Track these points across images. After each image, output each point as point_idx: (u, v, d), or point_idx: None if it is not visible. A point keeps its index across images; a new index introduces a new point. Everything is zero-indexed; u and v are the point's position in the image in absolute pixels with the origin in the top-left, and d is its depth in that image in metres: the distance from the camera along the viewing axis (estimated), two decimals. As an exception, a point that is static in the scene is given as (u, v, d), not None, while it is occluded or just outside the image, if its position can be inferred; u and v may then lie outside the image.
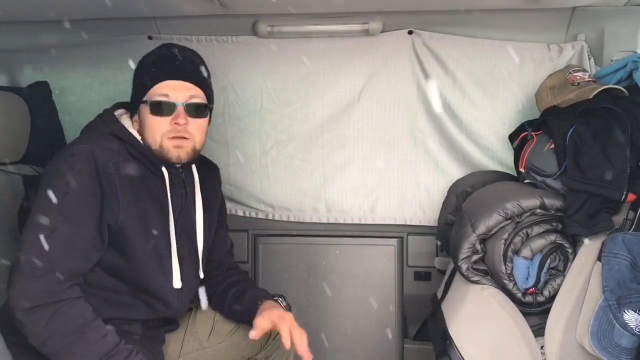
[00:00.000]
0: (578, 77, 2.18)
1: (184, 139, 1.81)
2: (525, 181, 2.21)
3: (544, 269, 1.99)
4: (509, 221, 2.02)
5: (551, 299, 1.99)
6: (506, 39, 2.54)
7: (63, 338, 1.58)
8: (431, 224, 2.71)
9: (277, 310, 1.88)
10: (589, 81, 2.17)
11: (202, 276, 2.03)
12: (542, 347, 1.94)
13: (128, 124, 1.88)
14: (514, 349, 1.91)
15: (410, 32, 2.57)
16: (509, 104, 2.58)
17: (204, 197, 2.01)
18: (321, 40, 2.62)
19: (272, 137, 2.76)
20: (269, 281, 2.83)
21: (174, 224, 1.88)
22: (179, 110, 1.79)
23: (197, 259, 2.00)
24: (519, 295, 2.01)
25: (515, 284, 2.01)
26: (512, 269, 2.00)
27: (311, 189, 2.79)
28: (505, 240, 2.00)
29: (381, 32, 2.56)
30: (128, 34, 2.66)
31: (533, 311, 2.03)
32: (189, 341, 2.06)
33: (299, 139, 2.75)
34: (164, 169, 1.85)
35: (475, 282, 2.09)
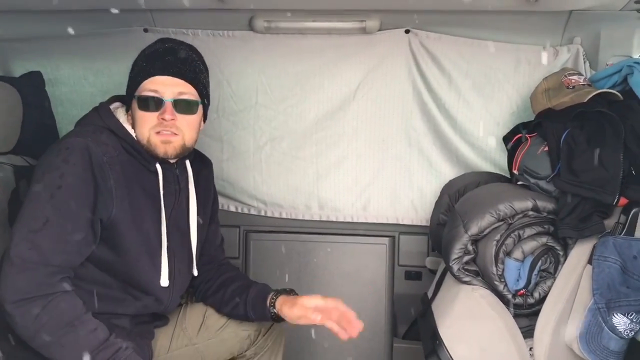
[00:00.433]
0: (573, 81, 2.19)
1: (171, 134, 1.80)
2: (519, 183, 2.21)
3: (535, 271, 1.99)
4: (501, 222, 2.02)
5: (541, 301, 1.99)
6: (503, 41, 2.55)
7: (53, 331, 1.57)
8: (423, 223, 2.72)
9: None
10: (584, 85, 2.18)
11: (195, 273, 2.02)
12: (531, 349, 1.95)
13: (123, 118, 1.87)
14: (503, 350, 1.92)
15: (407, 31, 2.58)
16: (504, 105, 2.59)
17: (197, 193, 2.00)
18: (318, 37, 2.61)
19: (267, 133, 2.76)
20: (259, 277, 2.75)
21: (167, 221, 1.88)
22: (167, 105, 1.78)
23: (190, 256, 2.00)
24: (510, 296, 2.01)
25: (506, 285, 2.01)
26: (503, 270, 2.01)
27: (304, 186, 2.79)
28: (497, 242, 2.00)
29: (378, 30, 2.56)
30: (124, 25, 2.64)
31: (523, 313, 2.03)
32: (179, 337, 2.04)
33: (293, 135, 2.75)
34: (157, 166, 1.84)
35: (466, 282, 2.09)
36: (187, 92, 1.82)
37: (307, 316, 1.88)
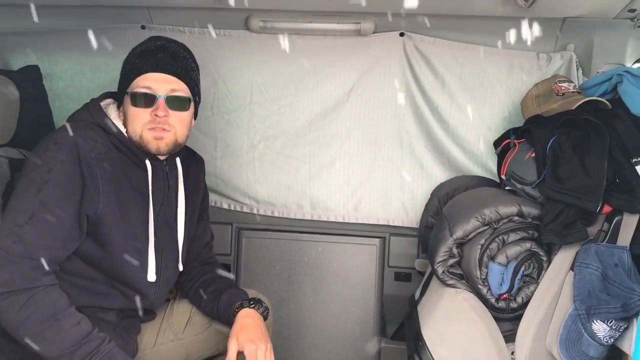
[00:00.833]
0: (563, 88, 2.20)
1: (164, 130, 1.82)
2: (506, 188, 2.23)
3: (518, 276, 2.01)
4: (486, 227, 2.04)
5: (524, 305, 2.01)
6: (496, 46, 2.55)
7: (36, 324, 1.59)
8: (414, 225, 2.74)
9: (249, 334, 1.85)
10: (573, 92, 2.19)
11: (181, 269, 2.04)
12: (512, 353, 1.97)
13: (114, 114, 1.89)
14: (484, 353, 1.94)
15: (401, 34, 2.59)
16: (496, 110, 2.60)
17: (187, 189, 2.02)
18: (313, 38, 2.63)
19: (260, 132, 2.78)
20: (250, 275, 2.85)
21: (155, 217, 1.90)
22: (160, 102, 1.80)
23: (177, 252, 2.02)
24: (493, 300, 2.04)
25: (490, 289, 2.03)
26: (487, 274, 2.03)
27: (296, 185, 2.81)
28: (482, 246, 2.03)
29: (373, 32, 2.58)
30: (122, 22, 2.66)
31: (506, 317, 2.05)
32: (165, 332, 2.07)
33: (286, 135, 2.77)
34: (147, 162, 1.87)
35: (450, 285, 2.11)
36: (179, 89, 1.85)
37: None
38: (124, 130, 1.85)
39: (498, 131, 2.53)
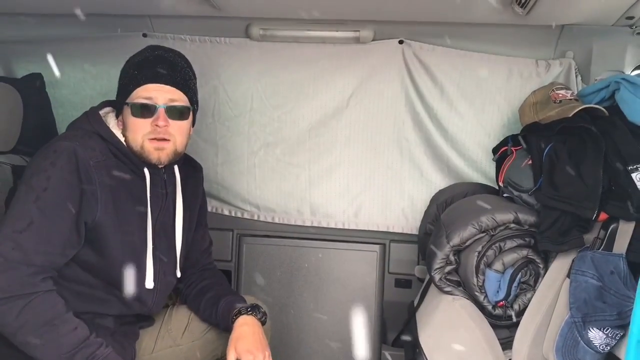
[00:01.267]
0: (560, 95, 2.20)
1: (164, 140, 1.84)
2: (504, 195, 2.23)
3: (515, 283, 2.01)
4: (483, 234, 2.05)
5: (521, 312, 2.01)
6: (495, 53, 2.57)
7: (34, 329, 1.61)
8: (414, 232, 2.74)
9: (247, 343, 1.87)
10: (571, 99, 2.19)
11: (179, 275, 2.06)
12: (509, 360, 1.97)
13: (113, 123, 1.91)
14: (480, 360, 1.94)
15: (400, 42, 2.60)
16: (495, 117, 2.61)
17: (185, 197, 2.04)
18: (313, 46, 2.65)
19: (261, 138, 2.79)
20: (251, 281, 2.86)
21: (153, 224, 1.92)
22: (160, 112, 1.82)
23: (175, 258, 2.03)
24: (490, 307, 2.04)
25: (486, 296, 2.03)
26: (483, 281, 2.03)
27: (297, 191, 2.82)
28: (479, 253, 2.03)
29: (372, 40, 2.59)
30: (123, 30, 2.69)
31: (503, 324, 2.05)
32: (163, 338, 2.08)
33: (286, 141, 2.78)
34: (145, 170, 1.89)
35: (447, 292, 2.11)
36: (178, 98, 1.87)
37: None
38: (122, 139, 1.87)
39: (497, 138, 2.54)
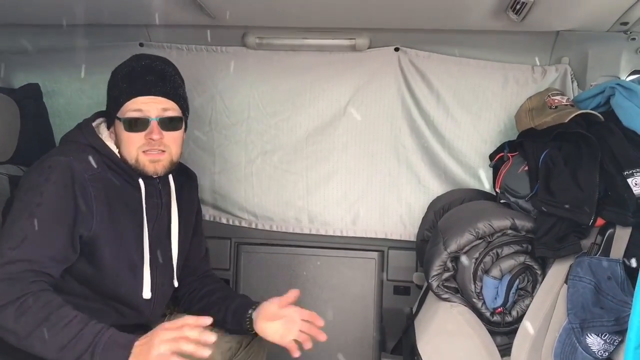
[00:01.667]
0: (556, 101, 2.21)
1: (160, 152, 1.84)
2: (501, 201, 2.23)
3: (513, 290, 2.01)
4: (480, 240, 2.04)
5: (519, 319, 2.00)
6: (491, 60, 2.58)
7: (33, 329, 1.57)
8: (412, 239, 2.74)
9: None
10: (566, 105, 2.19)
11: (176, 285, 2.06)
12: (508, 367, 1.96)
13: (106, 134, 1.91)
14: (480, 367, 1.93)
15: (396, 49, 2.61)
16: (492, 123, 2.61)
17: (180, 205, 2.04)
18: (309, 54, 2.66)
19: (258, 146, 2.80)
20: (249, 289, 2.85)
21: (149, 234, 1.92)
22: (153, 125, 1.82)
23: (172, 268, 2.03)
24: (488, 314, 2.03)
25: (484, 303, 2.03)
26: (481, 288, 2.02)
27: (294, 199, 2.82)
28: (476, 260, 2.02)
29: (368, 48, 2.60)
30: (120, 40, 2.70)
31: (501, 331, 2.04)
32: (160, 347, 2.07)
33: (284, 149, 2.79)
34: (140, 181, 1.89)
35: (445, 299, 2.11)
36: (170, 108, 1.87)
37: (279, 314, 1.94)
38: (115, 150, 1.87)
39: (494, 144, 2.54)
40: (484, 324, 2.04)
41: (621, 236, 1.83)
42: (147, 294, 1.90)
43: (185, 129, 1.99)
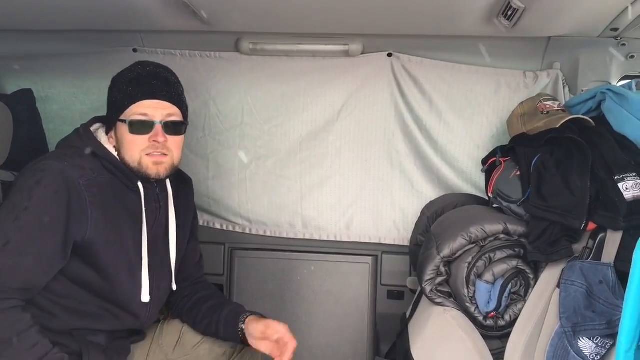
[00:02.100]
0: (548, 106, 2.22)
1: (163, 155, 1.86)
2: (494, 206, 2.24)
3: (505, 294, 2.01)
4: (473, 245, 2.05)
5: (512, 323, 2.01)
6: (483, 65, 2.59)
7: None
8: (405, 243, 2.75)
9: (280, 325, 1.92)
10: (558, 110, 2.21)
11: (174, 288, 2.06)
12: (501, 371, 1.97)
13: (104, 139, 1.92)
14: (472, 371, 1.94)
15: (389, 55, 2.63)
16: (484, 128, 2.63)
17: (177, 210, 2.04)
18: (302, 59, 2.67)
19: (252, 152, 2.80)
20: (243, 294, 2.85)
21: (147, 238, 1.92)
22: (158, 128, 1.84)
23: (169, 272, 2.03)
24: (481, 318, 2.04)
25: (477, 307, 2.04)
26: (474, 292, 2.03)
27: (288, 204, 2.82)
28: (469, 264, 2.03)
29: (361, 53, 2.61)
30: (114, 45, 2.70)
31: (494, 335, 2.05)
32: (155, 352, 2.07)
33: (277, 154, 2.79)
34: (139, 184, 1.89)
35: (438, 303, 2.11)
36: (174, 113, 1.89)
37: (269, 331, 1.92)
38: (115, 154, 1.87)
39: (486, 149, 2.55)
40: (477, 328, 2.04)
41: (612, 240, 1.84)
42: (145, 297, 1.90)
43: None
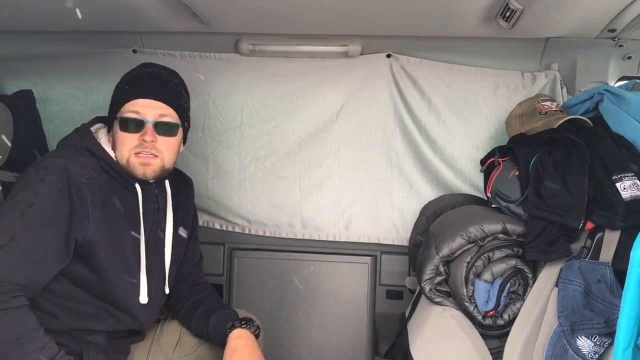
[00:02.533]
0: (546, 107, 2.24)
1: (152, 156, 1.85)
2: (492, 206, 2.25)
3: (504, 293, 2.02)
4: (472, 245, 2.06)
5: (511, 322, 2.02)
6: (481, 66, 2.60)
7: (1, 347, 1.57)
8: (404, 243, 2.76)
9: (243, 356, 1.89)
10: (556, 111, 2.22)
11: (167, 291, 2.05)
12: (500, 370, 1.98)
13: (104, 139, 1.92)
14: (471, 370, 1.95)
15: (388, 56, 2.64)
16: (483, 129, 2.64)
17: (176, 211, 2.05)
18: (302, 60, 2.68)
19: (251, 152, 2.81)
20: (243, 294, 2.86)
21: (145, 239, 1.92)
22: (148, 127, 1.84)
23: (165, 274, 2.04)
24: (480, 317, 2.05)
25: (476, 306, 2.05)
26: (473, 291, 2.04)
27: (287, 205, 2.83)
28: (468, 263, 2.04)
29: (360, 54, 2.62)
30: (114, 46, 2.71)
31: (493, 334, 2.06)
32: (155, 352, 2.08)
33: (277, 155, 2.80)
34: (137, 186, 1.89)
35: (437, 303, 2.12)
36: (167, 114, 1.88)
37: None
38: (113, 155, 1.87)
39: (485, 149, 2.56)
40: (476, 327, 2.06)
41: (610, 239, 1.86)
42: (144, 298, 1.91)
43: (184, 141, 2.01)
